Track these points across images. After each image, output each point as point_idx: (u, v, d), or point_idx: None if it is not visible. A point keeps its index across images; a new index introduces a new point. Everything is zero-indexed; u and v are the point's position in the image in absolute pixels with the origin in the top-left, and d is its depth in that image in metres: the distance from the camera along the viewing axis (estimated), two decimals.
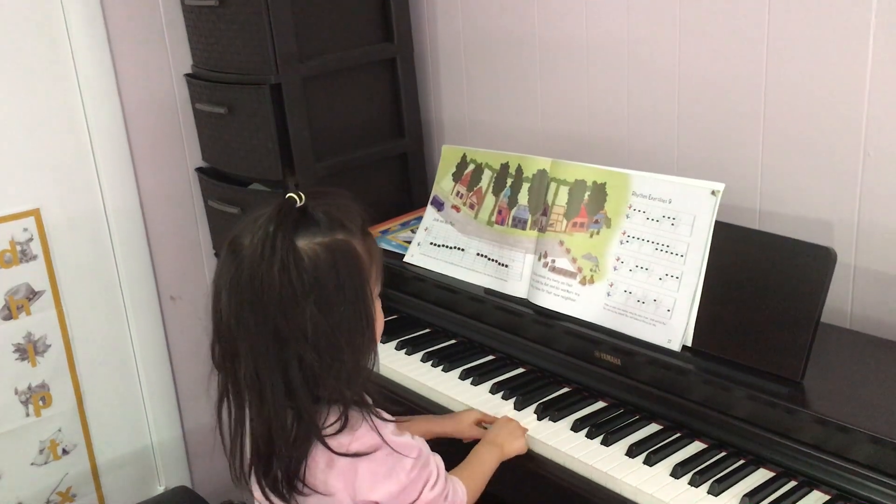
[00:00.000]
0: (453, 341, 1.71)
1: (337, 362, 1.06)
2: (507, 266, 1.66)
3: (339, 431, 1.08)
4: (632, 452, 1.31)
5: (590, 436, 1.36)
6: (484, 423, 1.44)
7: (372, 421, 1.10)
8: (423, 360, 1.66)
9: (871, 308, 1.49)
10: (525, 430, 1.40)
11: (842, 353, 1.37)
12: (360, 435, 1.10)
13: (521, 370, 1.59)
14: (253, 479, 1.13)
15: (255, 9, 1.86)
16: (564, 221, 1.57)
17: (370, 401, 1.12)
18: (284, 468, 1.09)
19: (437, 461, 1.19)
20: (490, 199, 1.73)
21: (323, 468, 1.09)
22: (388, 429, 1.13)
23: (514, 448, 1.36)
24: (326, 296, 1.05)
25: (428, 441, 1.22)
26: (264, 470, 1.10)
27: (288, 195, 1.08)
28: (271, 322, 1.04)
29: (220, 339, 1.10)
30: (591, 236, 1.52)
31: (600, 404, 1.45)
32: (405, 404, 1.58)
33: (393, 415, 1.16)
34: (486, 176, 1.75)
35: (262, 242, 1.04)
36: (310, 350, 1.05)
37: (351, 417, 1.09)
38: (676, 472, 1.25)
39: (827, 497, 1.19)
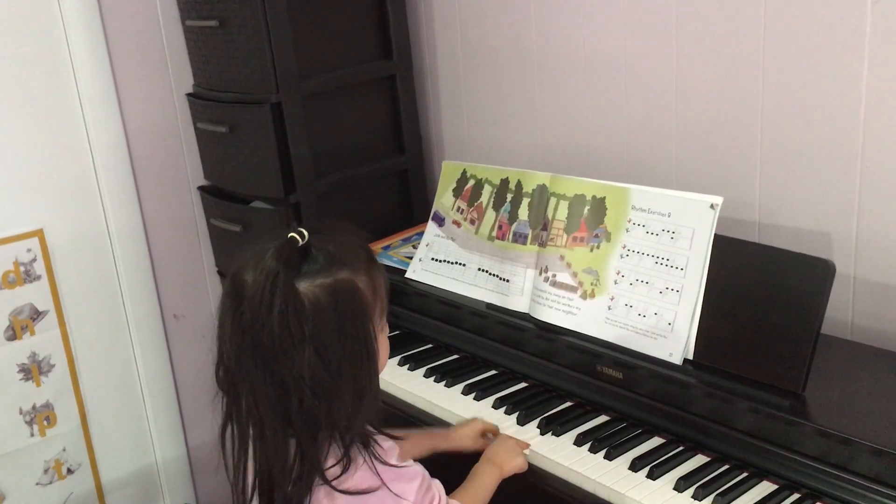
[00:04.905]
0: (455, 356, 1.72)
1: (336, 404, 1.06)
2: (508, 281, 1.67)
3: (342, 472, 1.08)
4: (635, 466, 1.31)
5: (593, 450, 1.36)
6: (488, 432, 1.44)
7: (373, 463, 1.09)
8: (426, 375, 1.66)
9: (871, 319, 1.49)
10: (525, 445, 1.39)
11: (842, 364, 1.37)
12: (362, 472, 1.09)
13: (523, 385, 1.59)
14: None
15: (255, 29, 1.88)
16: (565, 236, 1.58)
17: (372, 431, 1.12)
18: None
19: (437, 485, 1.19)
20: (490, 215, 1.74)
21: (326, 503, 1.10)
22: (394, 454, 1.13)
23: (514, 466, 1.35)
24: (326, 340, 1.05)
25: (430, 458, 1.21)
26: (267, 502, 1.11)
27: (290, 234, 1.07)
28: (271, 365, 1.04)
29: (224, 367, 1.10)
30: (592, 250, 1.53)
31: (603, 418, 1.46)
32: (408, 420, 1.58)
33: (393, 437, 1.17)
34: (487, 191, 1.76)
35: (263, 286, 1.03)
36: (309, 393, 1.04)
37: (352, 455, 1.09)
38: (679, 486, 1.26)
39: None
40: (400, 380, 1.66)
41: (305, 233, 1.08)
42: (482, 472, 1.33)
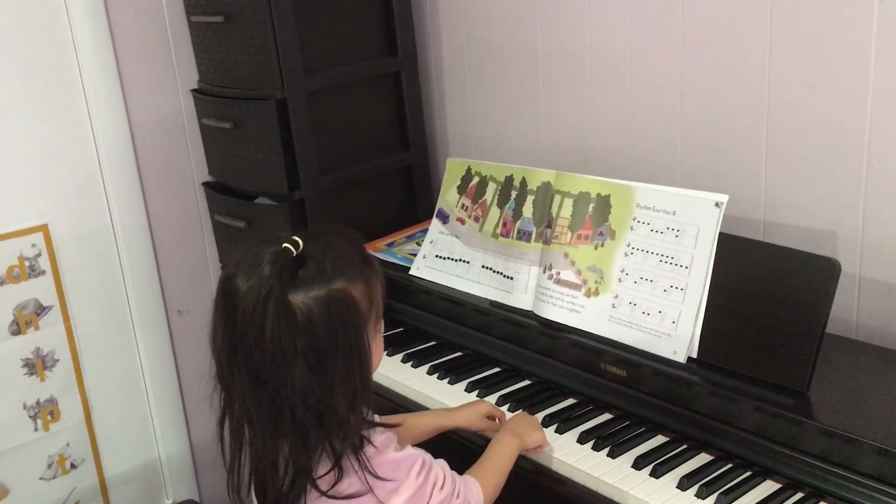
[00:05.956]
0: (459, 354, 1.72)
1: (327, 415, 1.05)
2: (512, 278, 1.66)
3: (335, 482, 1.08)
4: (638, 464, 1.31)
5: (596, 448, 1.36)
6: (493, 416, 1.44)
7: (363, 473, 1.09)
8: (429, 372, 1.66)
9: (876, 318, 1.49)
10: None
11: (847, 363, 1.37)
12: (352, 478, 1.09)
13: (526, 382, 1.59)
14: (254, 500, 1.14)
15: (260, 24, 1.88)
16: (569, 233, 1.57)
17: (365, 433, 1.11)
18: None
19: (441, 464, 1.19)
20: (495, 212, 1.74)
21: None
22: (390, 446, 1.13)
23: (534, 439, 1.35)
24: (318, 353, 1.04)
25: (438, 438, 1.20)
26: (265, 499, 1.11)
27: (284, 245, 1.06)
28: (262, 378, 1.04)
29: (218, 369, 1.10)
30: (596, 248, 1.53)
31: (606, 416, 1.45)
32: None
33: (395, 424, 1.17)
34: (491, 188, 1.76)
35: (255, 299, 1.02)
36: (300, 405, 1.04)
37: (343, 463, 1.08)
38: (683, 485, 1.25)
39: None
40: (403, 377, 1.66)
41: (300, 242, 1.06)
42: (501, 442, 1.33)
